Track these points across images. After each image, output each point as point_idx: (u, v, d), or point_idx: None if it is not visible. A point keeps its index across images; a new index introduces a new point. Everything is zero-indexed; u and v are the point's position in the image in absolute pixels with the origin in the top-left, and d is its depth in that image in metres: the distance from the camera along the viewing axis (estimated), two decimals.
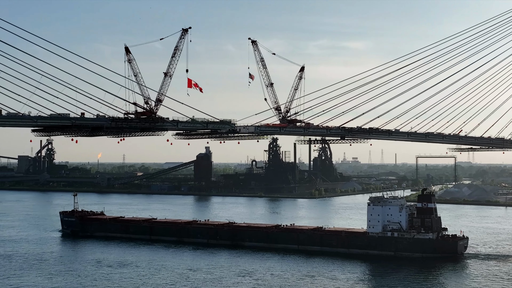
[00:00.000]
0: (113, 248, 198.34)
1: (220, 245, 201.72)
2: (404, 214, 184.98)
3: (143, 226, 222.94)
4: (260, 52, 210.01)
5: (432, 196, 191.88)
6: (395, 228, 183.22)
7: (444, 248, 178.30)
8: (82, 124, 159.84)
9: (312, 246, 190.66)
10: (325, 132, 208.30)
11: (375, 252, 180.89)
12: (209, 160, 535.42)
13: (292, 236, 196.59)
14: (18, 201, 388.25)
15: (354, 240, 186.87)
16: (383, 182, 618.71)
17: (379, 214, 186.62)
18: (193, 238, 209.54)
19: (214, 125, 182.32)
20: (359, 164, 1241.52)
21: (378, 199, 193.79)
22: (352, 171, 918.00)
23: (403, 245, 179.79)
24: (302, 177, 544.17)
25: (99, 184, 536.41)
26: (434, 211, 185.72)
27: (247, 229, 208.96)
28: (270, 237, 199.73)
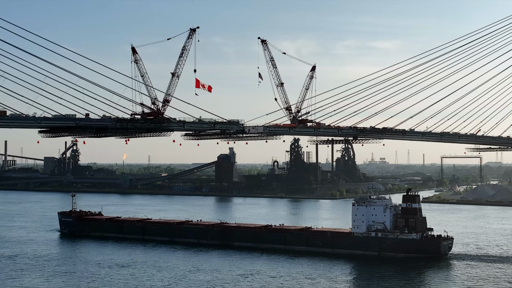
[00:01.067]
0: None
1: (210, 245, 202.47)
2: (389, 214, 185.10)
3: (137, 226, 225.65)
4: (270, 51, 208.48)
5: (416, 196, 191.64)
6: (380, 228, 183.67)
7: (427, 248, 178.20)
8: (87, 125, 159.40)
9: (299, 246, 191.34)
10: (336, 132, 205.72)
11: (359, 252, 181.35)
12: (230, 161, 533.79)
13: (279, 236, 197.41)
14: (39, 202, 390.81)
15: (339, 240, 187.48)
16: (407, 182, 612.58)
17: (364, 214, 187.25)
18: (184, 238, 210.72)
19: (222, 126, 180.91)
20: (386, 165, 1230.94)
21: (363, 199, 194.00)
22: (379, 171, 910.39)
23: (386, 245, 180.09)
24: (324, 177, 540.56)
25: (122, 185, 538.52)
26: (418, 211, 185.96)
27: (236, 229, 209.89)
28: (258, 237, 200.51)
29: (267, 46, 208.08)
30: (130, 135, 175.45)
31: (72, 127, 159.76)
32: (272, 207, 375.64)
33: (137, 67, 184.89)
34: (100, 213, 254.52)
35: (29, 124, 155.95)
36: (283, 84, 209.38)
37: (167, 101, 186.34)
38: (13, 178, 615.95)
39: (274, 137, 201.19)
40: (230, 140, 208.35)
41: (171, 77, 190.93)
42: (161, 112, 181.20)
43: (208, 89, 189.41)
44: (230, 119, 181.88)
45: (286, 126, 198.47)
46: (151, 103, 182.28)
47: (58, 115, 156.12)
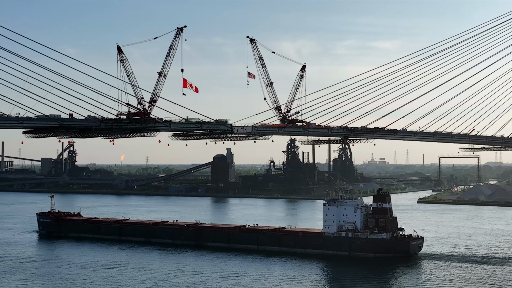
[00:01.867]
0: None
1: (185, 245, 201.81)
2: (359, 214, 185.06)
3: (113, 227, 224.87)
4: (259, 50, 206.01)
5: (387, 196, 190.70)
6: (350, 228, 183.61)
7: (396, 248, 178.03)
8: (70, 125, 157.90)
9: (271, 246, 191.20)
10: (326, 132, 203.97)
11: (330, 252, 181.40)
12: (226, 161, 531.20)
13: (252, 236, 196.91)
14: (32, 203, 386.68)
15: (311, 240, 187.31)
16: (405, 182, 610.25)
17: (334, 214, 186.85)
18: (159, 239, 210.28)
19: (209, 126, 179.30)
20: (386, 165, 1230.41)
21: (334, 199, 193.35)
22: (379, 172, 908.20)
23: (356, 245, 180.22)
24: (321, 178, 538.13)
25: (118, 186, 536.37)
26: (389, 211, 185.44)
27: (210, 230, 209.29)
28: (232, 237, 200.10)
29: (256, 45, 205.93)
30: (115, 135, 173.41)
31: (55, 128, 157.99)
32: (268, 208, 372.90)
33: (123, 66, 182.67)
34: (78, 213, 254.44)
35: (11, 125, 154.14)
36: (273, 84, 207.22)
37: (154, 101, 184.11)
38: (9, 179, 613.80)
39: (263, 137, 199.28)
40: (218, 140, 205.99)
41: (158, 77, 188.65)
42: (147, 112, 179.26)
43: (195, 90, 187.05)
44: (217, 119, 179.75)
45: (275, 126, 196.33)
46: (138, 103, 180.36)
47: (41, 115, 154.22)
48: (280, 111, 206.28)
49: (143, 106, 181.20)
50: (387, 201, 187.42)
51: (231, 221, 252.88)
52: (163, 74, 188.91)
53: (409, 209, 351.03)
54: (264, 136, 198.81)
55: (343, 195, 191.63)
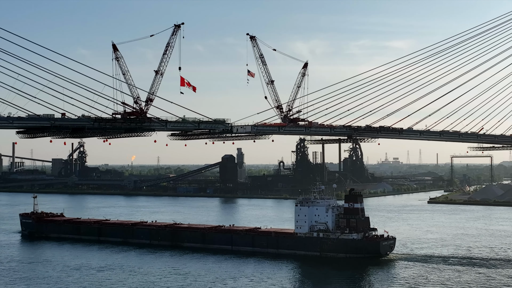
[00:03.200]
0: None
1: (161, 246, 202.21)
2: (331, 214, 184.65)
3: (93, 227, 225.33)
4: (259, 48, 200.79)
5: (359, 196, 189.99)
6: (322, 229, 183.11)
7: (367, 248, 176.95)
8: (62, 125, 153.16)
9: (245, 246, 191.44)
10: (329, 131, 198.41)
11: (302, 253, 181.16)
12: (235, 161, 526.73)
13: (227, 237, 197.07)
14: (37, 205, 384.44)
15: (283, 241, 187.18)
16: (417, 182, 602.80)
17: (306, 214, 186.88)
18: (137, 239, 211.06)
19: (207, 125, 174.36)
20: (399, 165, 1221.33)
21: (306, 199, 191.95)
22: (391, 171, 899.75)
23: (328, 245, 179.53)
24: (331, 178, 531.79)
25: (126, 186, 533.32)
26: (360, 211, 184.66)
27: (186, 230, 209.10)
28: (207, 238, 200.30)
29: (256, 42, 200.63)
30: (109, 135, 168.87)
31: (47, 128, 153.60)
32: (276, 209, 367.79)
33: (118, 65, 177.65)
34: (62, 214, 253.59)
35: (2, 125, 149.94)
36: (274, 82, 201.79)
37: (150, 100, 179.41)
38: (18, 180, 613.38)
39: (264, 137, 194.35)
40: (217, 140, 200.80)
41: (154, 75, 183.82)
42: (144, 112, 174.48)
43: (192, 89, 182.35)
44: (215, 118, 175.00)
45: (275, 125, 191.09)
46: (134, 102, 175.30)
47: (32, 115, 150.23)
48: (282, 110, 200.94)
49: (139, 105, 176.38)
50: (358, 201, 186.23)
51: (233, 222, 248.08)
52: (160, 72, 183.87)
53: (417, 209, 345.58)
54: (264, 136, 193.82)
55: (316, 195, 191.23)
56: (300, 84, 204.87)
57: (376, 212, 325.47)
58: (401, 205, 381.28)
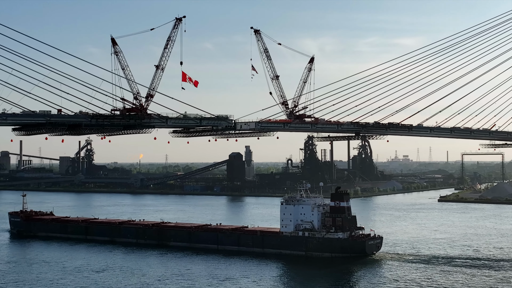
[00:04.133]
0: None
1: (148, 245, 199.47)
2: (316, 213, 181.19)
3: (80, 226, 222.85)
4: (264, 42, 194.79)
5: (345, 195, 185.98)
6: (307, 228, 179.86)
7: (352, 248, 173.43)
8: (58, 122, 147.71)
9: (231, 246, 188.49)
10: (335, 128, 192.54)
11: (287, 252, 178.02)
12: (242, 159, 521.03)
13: (212, 236, 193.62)
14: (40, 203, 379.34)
15: (268, 240, 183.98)
16: (427, 180, 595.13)
17: (291, 213, 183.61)
18: (124, 238, 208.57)
19: (209, 122, 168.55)
20: (409, 162, 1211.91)
21: (292, 198, 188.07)
22: (401, 169, 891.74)
23: (313, 244, 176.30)
24: (340, 176, 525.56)
25: (133, 185, 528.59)
26: (346, 210, 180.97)
27: (172, 229, 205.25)
28: (192, 236, 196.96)
29: (260, 36, 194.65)
30: (107, 132, 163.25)
31: (42, 124, 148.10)
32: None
33: (117, 59, 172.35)
34: (51, 213, 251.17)
35: None
36: (279, 77, 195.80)
37: (151, 96, 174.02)
38: (25, 178, 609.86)
39: (268, 134, 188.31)
40: (220, 137, 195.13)
41: (155, 70, 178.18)
42: (144, 108, 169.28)
43: (194, 84, 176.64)
44: (218, 115, 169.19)
45: (281, 121, 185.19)
46: (133, 98, 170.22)
47: (27, 111, 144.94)
48: (287, 106, 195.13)
49: (139, 101, 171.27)
50: (345, 199, 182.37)
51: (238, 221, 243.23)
52: (161, 67, 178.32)
53: (427, 208, 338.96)
54: (269, 133, 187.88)
55: (302, 194, 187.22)
56: (306, 79, 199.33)
57: (385, 211, 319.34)
58: (411, 203, 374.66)
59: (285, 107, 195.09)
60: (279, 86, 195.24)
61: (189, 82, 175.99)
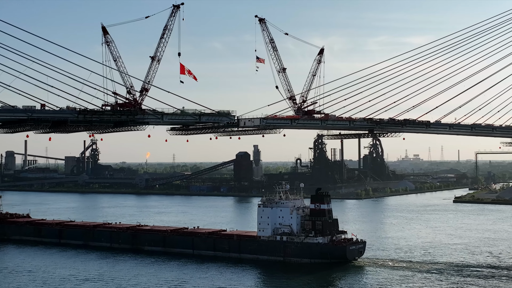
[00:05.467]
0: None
1: (122, 249, 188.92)
2: (295, 216, 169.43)
3: (54, 230, 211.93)
4: (269, 32, 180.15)
5: (325, 196, 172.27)
6: (286, 232, 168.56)
7: (333, 253, 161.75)
8: (41, 118, 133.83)
9: (206, 250, 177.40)
10: (347, 125, 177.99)
11: (264, 257, 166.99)
12: (249, 159, 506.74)
13: (188, 240, 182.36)
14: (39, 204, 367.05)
15: (245, 245, 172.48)
16: (440, 180, 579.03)
17: (269, 216, 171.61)
18: (97, 242, 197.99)
19: (209, 118, 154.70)
20: (420, 162, 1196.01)
21: (269, 200, 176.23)
22: (412, 169, 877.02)
23: (291, 249, 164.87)
24: (351, 176, 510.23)
25: (138, 185, 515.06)
26: (327, 212, 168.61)
27: (147, 233, 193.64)
28: (167, 241, 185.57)
29: (265, 26, 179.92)
30: (96, 129, 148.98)
31: (24, 120, 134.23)
32: None
33: (108, 50, 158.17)
34: (28, 215, 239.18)
35: None
36: (286, 70, 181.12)
37: (146, 90, 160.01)
38: (29, 179, 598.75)
39: (274, 131, 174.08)
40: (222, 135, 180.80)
41: (150, 62, 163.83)
42: (138, 103, 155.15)
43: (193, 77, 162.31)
44: (219, 110, 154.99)
45: (288, 118, 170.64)
46: (127, 92, 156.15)
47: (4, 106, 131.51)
48: (295, 102, 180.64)
49: (133, 95, 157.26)
50: (325, 201, 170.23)
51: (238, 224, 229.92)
52: (157, 58, 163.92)
53: (442, 209, 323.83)
54: (274, 130, 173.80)
55: (282, 196, 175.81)
56: (316, 72, 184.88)
57: (396, 213, 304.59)
58: (424, 204, 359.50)
59: (292, 103, 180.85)
60: (286, 80, 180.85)
61: (188, 75, 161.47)
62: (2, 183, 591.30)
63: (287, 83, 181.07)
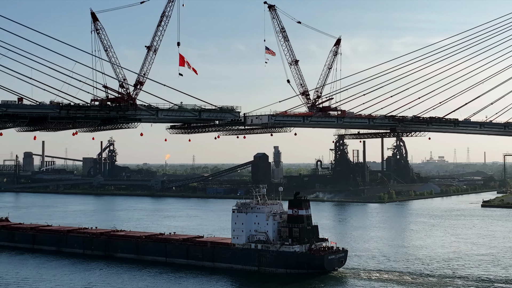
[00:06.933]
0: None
1: (95, 256, 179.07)
2: (272, 222, 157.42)
3: (27, 235, 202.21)
4: (280, 20, 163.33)
5: (304, 201, 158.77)
6: (261, 239, 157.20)
7: (309, 263, 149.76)
8: (16, 114, 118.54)
9: (179, 258, 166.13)
10: (366, 123, 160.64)
11: (239, 267, 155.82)
12: (267, 160, 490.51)
13: (160, 247, 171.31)
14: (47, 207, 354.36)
15: (219, 253, 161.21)
16: (466, 183, 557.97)
17: (244, 222, 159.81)
18: (70, 248, 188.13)
19: (210, 114, 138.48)
20: (445, 164, 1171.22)
21: (244, 205, 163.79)
22: (437, 171, 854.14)
23: (266, 259, 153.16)
24: (373, 178, 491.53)
25: (153, 187, 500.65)
26: (306, 219, 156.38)
27: (120, 239, 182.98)
28: (140, 248, 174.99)
29: (276, 13, 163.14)
30: (81, 127, 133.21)
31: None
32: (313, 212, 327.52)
33: (98, 38, 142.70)
34: (6, 219, 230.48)
35: None
36: (298, 62, 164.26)
37: (141, 84, 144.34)
38: (44, 180, 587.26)
39: (284, 129, 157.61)
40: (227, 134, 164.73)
41: (146, 53, 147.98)
42: (132, 98, 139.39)
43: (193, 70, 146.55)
44: (221, 106, 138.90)
45: (300, 115, 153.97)
46: (119, 86, 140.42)
47: None
48: (308, 97, 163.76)
49: (126, 89, 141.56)
50: (304, 207, 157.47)
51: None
52: (153, 48, 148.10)
53: (468, 214, 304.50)
54: (285, 128, 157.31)
55: (259, 200, 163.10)
56: (332, 65, 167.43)
57: (418, 218, 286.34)
58: (449, 208, 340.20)
59: (306, 98, 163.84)
60: (298, 73, 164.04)
61: (187, 67, 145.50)
62: (18, 185, 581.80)
63: (299, 77, 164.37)
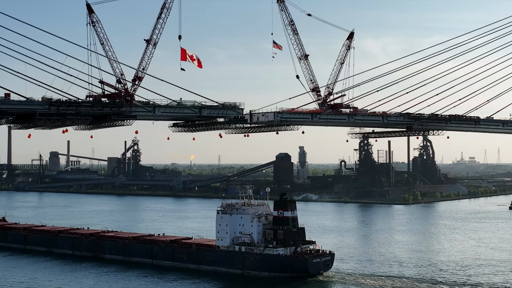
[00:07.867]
0: None
1: (83, 257, 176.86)
2: (257, 224, 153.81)
3: (20, 235, 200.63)
4: (288, 13, 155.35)
5: (290, 202, 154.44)
6: (246, 241, 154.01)
7: (293, 266, 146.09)
8: (2, 110, 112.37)
9: (165, 260, 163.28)
10: (380, 121, 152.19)
11: (223, 269, 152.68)
12: (290, 160, 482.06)
13: (147, 248, 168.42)
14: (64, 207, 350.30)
15: (204, 255, 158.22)
16: (496, 184, 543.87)
17: (228, 224, 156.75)
18: (60, 249, 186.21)
19: (212, 111, 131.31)
20: (476, 164, 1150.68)
21: (229, 206, 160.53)
22: (467, 172, 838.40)
23: (250, 261, 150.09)
24: (399, 179, 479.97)
25: (175, 187, 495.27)
26: (291, 221, 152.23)
27: (108, 240, 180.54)
28: (127, 249, 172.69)
29: (284, 5, 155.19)
30: (72, 124, 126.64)
31: None
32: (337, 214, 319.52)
33: (94, 31, 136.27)
34: (3, 218, 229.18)
35: None
36: (308, 57, 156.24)
37: (139, 79, 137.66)
38: (67, 180, 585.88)
39: (291, 127, 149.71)
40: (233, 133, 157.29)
41: (145, 46, 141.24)
42: (130, 94, 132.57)
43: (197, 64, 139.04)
44: (224, 102, 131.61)
45: (308, 112, 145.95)
46: (116, 82, 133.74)
47: None
48: (319, 94, 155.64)
49: (123, 85, 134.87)
50: (289, 208, 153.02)
51: None
52: (153, 42, 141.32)
53: (494, 217, 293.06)
54: (292, 126, 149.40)
55: (245, 201, 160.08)
56: (344, 60, 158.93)
57: (441, 220, 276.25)
58: (475, 210, 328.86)
59: (316, 95, 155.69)
60: (308, 68, 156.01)
61: (190, 61, 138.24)
62: (41, 185, 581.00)
63: (309, 72, 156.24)
